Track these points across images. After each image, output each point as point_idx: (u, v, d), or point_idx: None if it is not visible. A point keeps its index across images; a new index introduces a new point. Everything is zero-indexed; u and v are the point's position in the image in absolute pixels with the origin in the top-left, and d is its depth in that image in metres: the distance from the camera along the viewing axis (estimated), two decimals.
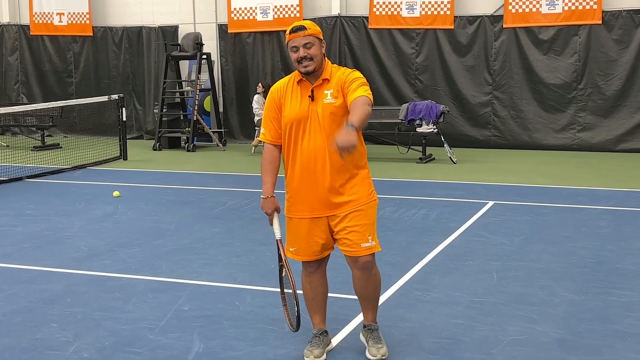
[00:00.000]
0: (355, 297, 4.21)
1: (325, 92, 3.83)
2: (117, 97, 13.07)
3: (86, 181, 10.72)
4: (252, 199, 9.00)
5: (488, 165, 11.97)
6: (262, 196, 4.00)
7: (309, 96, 3.83)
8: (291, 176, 3.93)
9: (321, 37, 3.87)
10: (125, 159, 12.97)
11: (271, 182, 3.99)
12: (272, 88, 4.01)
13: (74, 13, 16.67)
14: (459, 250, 6.53)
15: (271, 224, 4.05)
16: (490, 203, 8.66)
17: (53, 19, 16.85)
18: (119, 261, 6.25)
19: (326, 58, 3.91)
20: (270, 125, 3.98)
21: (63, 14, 16.74)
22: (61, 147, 14.55)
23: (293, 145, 3.90)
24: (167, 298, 5.21)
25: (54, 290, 5.45)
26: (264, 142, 4.04)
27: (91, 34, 16.64)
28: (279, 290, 4.18)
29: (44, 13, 16.89)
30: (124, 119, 13.08)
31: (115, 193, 9.32)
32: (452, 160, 12.09)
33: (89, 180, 10.76)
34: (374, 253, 3.95)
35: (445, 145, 12.13)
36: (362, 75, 3.90)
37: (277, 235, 4.04)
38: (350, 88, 3.78)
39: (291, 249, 4.06)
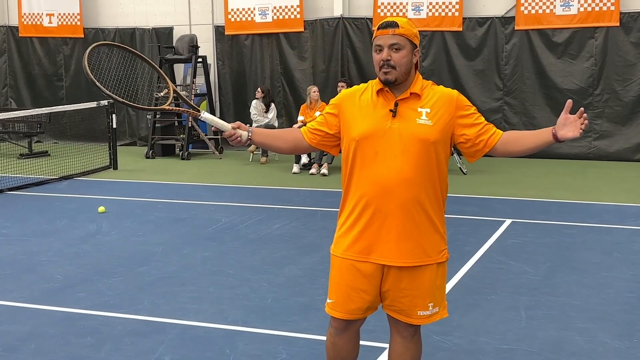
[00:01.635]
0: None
1: (419, 109, 3.02)
2: (106, 103, 12.34)
3: (72, 194, 9.99)
4: (248, 216, 8.29)
5: (501, 177, 11.25)
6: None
7: (391, 110, 3.02)
8: (349, 208, 3.11)
9: (417, 43, 3.07)
10: (115, 168, 12.25)
11: (264, 131, 3.37)
12: (343, 91, 3.26)
13: (64, 14, 15.95)
14: (478, 281, 5.81)
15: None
16: (508, 221, 7.95)
17: (42, 20, 16.13)
18: (95, 294, 5.52)
19: (418, 71, 3.11)
20: (316, 127, 3.24)
21: (53, 14, 16.02)
22: (49, 155, 13.82)
23: (358, 170, 3.06)
24: (146, 345, 4.48)
25: (18, 333, 4.72)
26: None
27: (82, 36, 15.90)
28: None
29: (33, 14, 16.17)
30: (114, 125, 12.37)
31: (101, 209, 8.61)
32: (462, 171, 11.37)
33: (75, 193, 10.04)
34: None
35: (454, 154, 11.39)
36: None
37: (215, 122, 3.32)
38: (476, 121, 3.08)
39: (329, 301, 3.22)
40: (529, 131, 3.15)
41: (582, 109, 3.01)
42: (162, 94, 3.18)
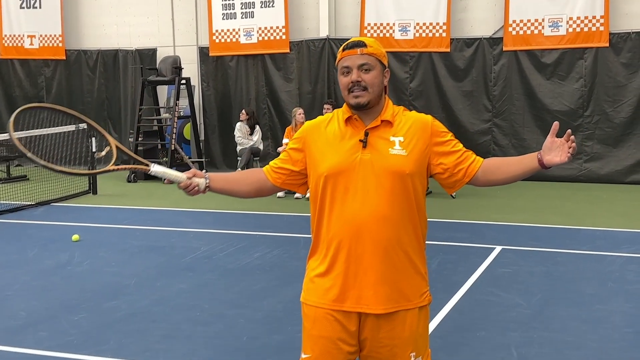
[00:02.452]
0: None
1: (392, 138, 2.71)
2: (85, 126, 12.01)
3: (47, 221, 9.64)
4: (228, 243, 7.96)
5: (491, 201, 10.97)
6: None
7: (361, 140, 2.71)
8: (321, 252, 2.79)
9: (385, 63, 2.77)
10: (94, 193, 11.92)
11: (223, 176, 2.93)
12: (306, 123, 2.92)
13: (46, 35, 15.67)
14: (467, 315, 5.50)
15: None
16: (498, 248, 7.64)
17: (24, 41, 15.83)
18: (58, 333, 5.17)
19: (387, 95, 2.81)
20: (280, 165, 2.89)
21: (34, 36, 15.73)
22: (28, 179, 13.46)
23: (328, 209, 2.73)
24: None
25: None
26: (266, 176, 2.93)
27: (64, 58, 15.62)
28: None
29: (14, 36, 15.87)
30: (94, 149, 12.04)
31: (75, 237, 8.26)
32: (451, 195, 11.08)
33: (50, 220, 9.68)
34: None
35: None
36: None
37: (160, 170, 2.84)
38: (454, 148, 2.78)
39: (304, 356, 2.85)
40: (512, 157, 2.86)
41: (569, 131, 2.70)
42: (103, 153, 3.04)
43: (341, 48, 2.77)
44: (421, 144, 2.74)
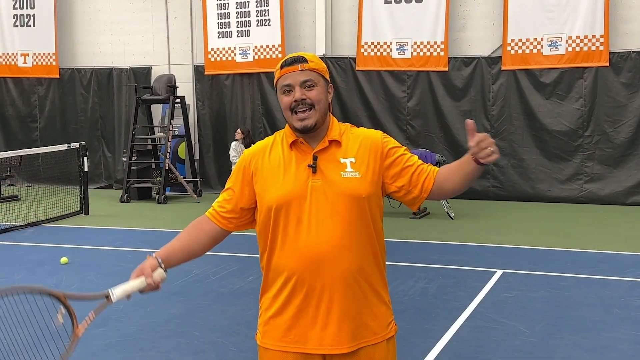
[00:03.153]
0: None
1: (342, 160, 2.50)
2: (77, 146, 11.82)
3: (36, 242, 9.41)
4: (221, 266, 7.75)
5: (489, 222, 10.77)
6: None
7: (310, 165, 2.49)
8: (274, 290, 2.55)
9: (328, 78, 2.57)
10: (86, 213, 11.69)
11: (173, 248, 2.62)
12: (245, 152, 2.69)
13: (39, 54, 15.51)
14: (468, 344, 5.27)
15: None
16: (499, 272, 7.44)
17: (17, 60, 15.67)
18: None
19: (331, 112, 2.59)
20: (227, 208, 2.63)
21: (28, 54, 15.58)
22: (19, 199, 13.24)
23: (280, 243, 2.50)
24: None
25: None
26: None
27: (57, 76, 15.47)
28: None
29: (8, 54, 15.71)
30: (86, 169, 11.84)
31: (63, 259, 8.04)
32: (449, 216, 10.89)
33: (40, 242, 9.45)
34: None
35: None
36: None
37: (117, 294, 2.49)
38: (407, 163, 2.55)
39: None
40: (453, 164, 2.57)
41: (469, 121, 2.42)
42: (61, 320, 2.92)
43: (279, 65, 2.55)
44: (374, 163, 2.52)
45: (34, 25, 15.46)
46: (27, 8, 15.42)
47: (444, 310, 6.08)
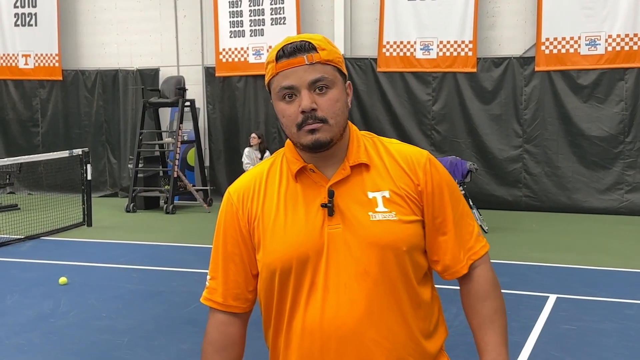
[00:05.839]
0: None
1: (371, 194, 1.70)
2: (80, 152, 11.02)
3: (33, 259, 8.60)
4: None
5: (526, 236, 9.90)
6: None
7: (325, 205, 1.70)
8: None
9: (345, 71, 1.75)
10: (89, 225, 10.88)
11: None
12: (229, 190, 1.90)
13: (41, 55, 14.73)
14: None
15: None
16: (552, 297, 6.56)
17: (18, 61, 14.89)
18: None
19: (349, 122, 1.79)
20: (224, 272, 1.83)
21: (29, 55, 14.79)
22: (19, 208, 12.43)
23: (288, 316, 1.74)
24: None
25: None
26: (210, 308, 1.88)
27: (60, 78, 14.66)
28: None
29: (8, 55, 14.93)
30: (89, 177, 11.03)
31: (62, 280, 7.23)
32: (483, 229, 10.02)
33: (37, 258, 8.64)
34: None
35: (474, 210, 10.04)
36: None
37: None
38: (452, 217, 1.78)
39: None
40: (478, 329, 1.83)
41: None
42: None
43: (272, 55, 1.71)
44: (419, 201, 1.74)
45: (35, 25, 14.68)
46: (28, 7, 14.64)
47: None
